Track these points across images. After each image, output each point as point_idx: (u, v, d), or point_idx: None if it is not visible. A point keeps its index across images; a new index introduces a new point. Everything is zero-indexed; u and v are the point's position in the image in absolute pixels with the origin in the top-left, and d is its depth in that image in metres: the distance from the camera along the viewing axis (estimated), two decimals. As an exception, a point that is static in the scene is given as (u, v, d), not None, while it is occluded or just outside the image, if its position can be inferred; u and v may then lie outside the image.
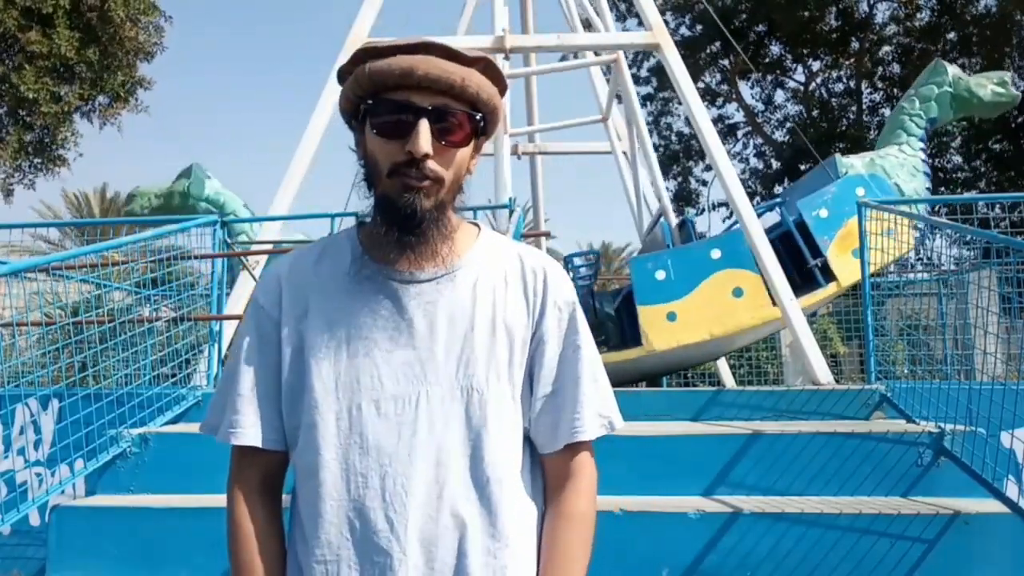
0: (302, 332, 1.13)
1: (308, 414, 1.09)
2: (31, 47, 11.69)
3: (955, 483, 3.33)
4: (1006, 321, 5.07)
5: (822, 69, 21.08)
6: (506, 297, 1.16)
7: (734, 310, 5.75)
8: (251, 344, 1.16)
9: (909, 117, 6.52)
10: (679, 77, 5.64)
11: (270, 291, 1.17)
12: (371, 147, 1.10)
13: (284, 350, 1.13)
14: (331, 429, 1.08)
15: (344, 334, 1.11)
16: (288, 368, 1.13)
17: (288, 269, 1.18)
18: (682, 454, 3.49)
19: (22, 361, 4.47)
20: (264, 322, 1.16)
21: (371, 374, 1.09)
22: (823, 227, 6.01)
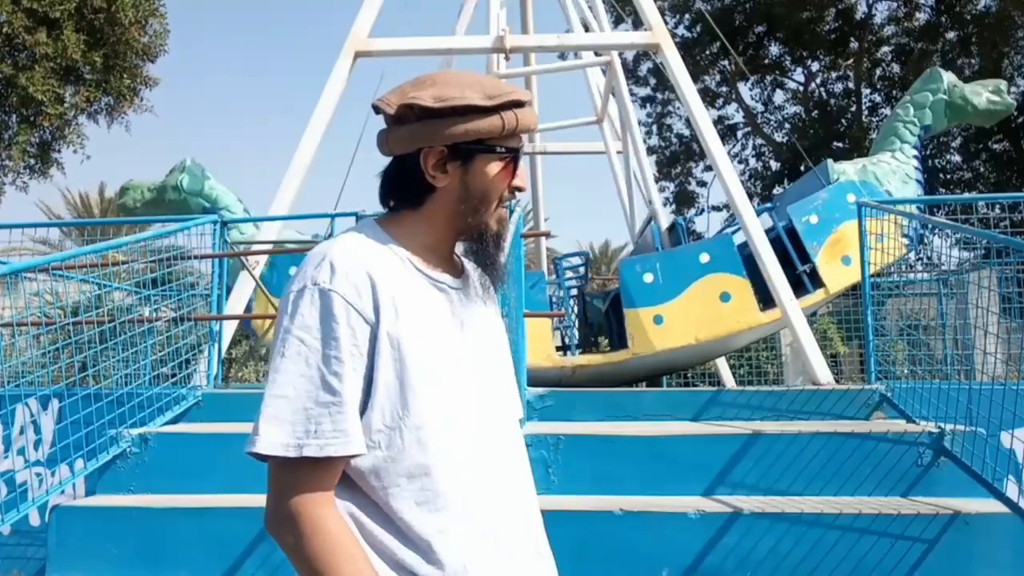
0: (399, 336, 1.10)
1: (414, 416, 1.10)
2: (37, 48, 11.71)
3: (955, 483, 3.33)
4: (1006, 321, 5.07)
5: (821, 70, 21.08)
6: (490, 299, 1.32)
7: (721, 315, 5.74)
8: (345, 341, 1.07)
9: (903, 124, 6.52)
10: (679, 78, 5.64)
11: (359, 287, 1.10)
12: (490, 183, 1.19)
13: (379, 351, 1.09)
14: (438, 427, 1.12)
15: (432, 335, 1.14)
16: (384, 370, 1.09)
17: (375, 269, 1.13)
18: (682, 454, 3.50)
19: (22, 361, 4.47)
20: (355, 319, 1.08)
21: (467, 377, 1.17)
22: (813, 233, 6.00)
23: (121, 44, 12.59)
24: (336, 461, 1.07)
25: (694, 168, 22.16)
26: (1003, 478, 3.28)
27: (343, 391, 1.06)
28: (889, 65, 20.46)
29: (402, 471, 1.09)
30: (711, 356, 7.14)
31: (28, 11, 11.70)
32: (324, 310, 1.08)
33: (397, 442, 1.09)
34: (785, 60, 21.08)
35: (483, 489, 1.14)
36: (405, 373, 1.10)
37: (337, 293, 1.08)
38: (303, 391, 1.06)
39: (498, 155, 1.18)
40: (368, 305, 1.09)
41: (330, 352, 1.07)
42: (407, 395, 1.09)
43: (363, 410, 1.09)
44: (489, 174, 1.18)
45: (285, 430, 1.04)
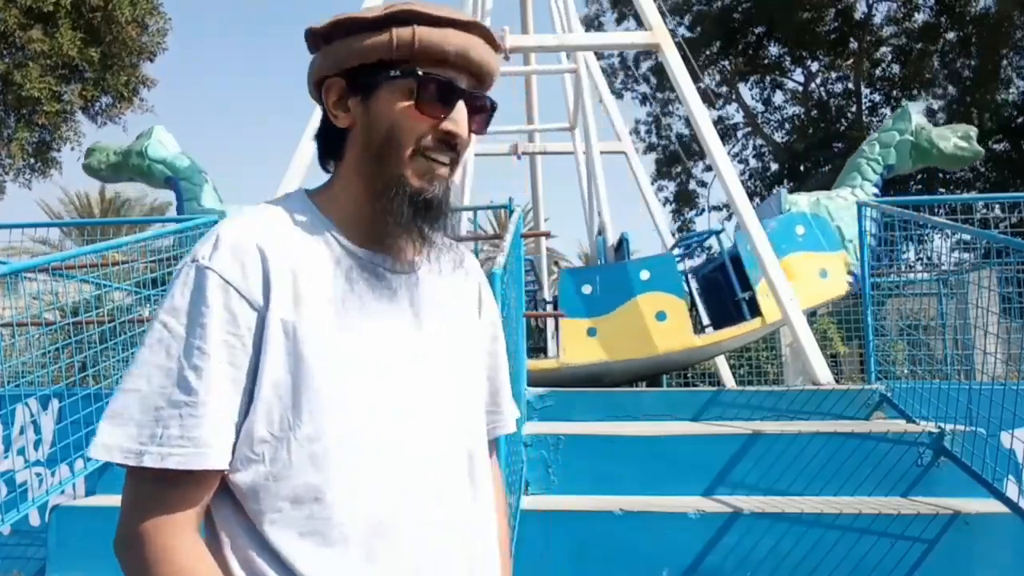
0: (295, 325, 0.90)
1: (306, 425, 0.89)
2: (32, 45, 11.71)
3: (955, 483, 3.33)
4: (1006, 321, 5.07)
5: (821, 70, 21.09)
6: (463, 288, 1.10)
7: (655, 333, 5.72)
8: (214, 326, 0.87)
9: (867, 161, 6.52)
10: (679, 78, 5.64)
11: (244, 263, 0.90)
12: (395, 118, 0.95)
13: (267, 342, 0.89)
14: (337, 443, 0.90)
15: (344, 327, 0.93)
16: (271, 367, 0.89)
17: (268, 243, 0.93)
18: (682, 454, 3.50)
19: (22, 361, 4.47)
20: (235, 301, 0.89)
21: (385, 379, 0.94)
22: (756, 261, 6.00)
23: (118, 43, 12.59)
24: (197, 476, 0.86)
25: (694, 168, 22.18)
26: (1003, 478, 3.28)
27: (201, 390, 0.86)
28: (889, 65, 20.47)
29: (286, 493, 0.88)
30: (643, 374, 7.09)
31: (23, 8, 11.69)
32: (196, 290, 0.89)
33: (283, 456, 0.88)
34: (785, 60, 21.08)
35: (401, 526, 0.91)
36: (301, 371, 0.89)
37: (213, 271, 0.89)
38: (157, 386, 0.86)
39: (399, 81, 0.95)
40: (256, 285, 0.90)
41: (194, 341, 0.87)
42: (300, 398, 0.88)
43: (246, 414, 0.89)
44: (393, 108, 0.95)
45: (129, 432, 0.85)
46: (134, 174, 6.84)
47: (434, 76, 0.95)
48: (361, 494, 0.90)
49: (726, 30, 19.82)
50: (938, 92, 19.44)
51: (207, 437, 0.86)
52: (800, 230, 6.02)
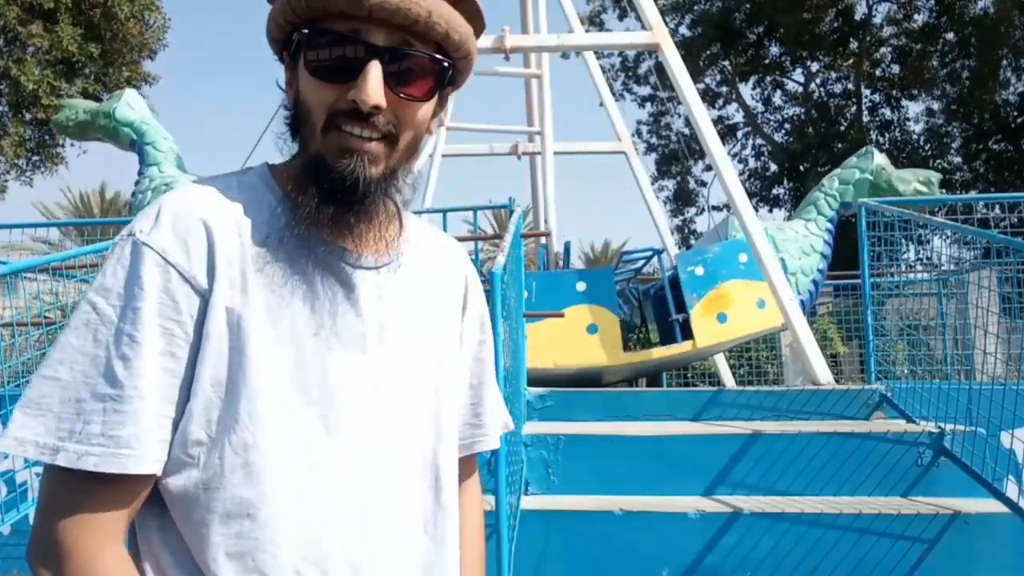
0: (240, 315, 0.79)
1: (243, 430, 0.78)
2: (32, 41, 11.74)
3: (955, 483, 3.33)
4: (1006, 321, 5.07)
5: (821, 70, 21.10)
6: (437, 291, 0.98)
7: (585, 346, 5.70)
8: (149, 312, 0.76)
9: (824, 196, 6.54)
10: (679, 77, 5.64)
11: (188, 241, 0.79)
12: (304, 91, 0.84)
13: (208, 332, 0.78)
14: (274, 451, 0.79)
15: (289, 324, 0.82)
16: (214, 361, 0.79)
17: (216, 220, 0.81)
18: (682, 454, 3.50)
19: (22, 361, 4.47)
20: (176, 284, 0.78)
21: (322, 382, 0.83)
22: (694, 284, 5.95)
23: (118, 39, 12.61)
24: (121, 481, 0.76)
25: (693, 167, 22.19)
26: (1003, 478, 3.28)
27: (128, 383, 0.75)
28: (889, 66, 20.48)
29: (216, 506, 0.78)
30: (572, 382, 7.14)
31: (23, 3, 11.71)
32: (131, 269, 0.78)
33: (215, 463, 0.78)
34: (785, 61, 21.10)
35: (336, 556, 0.81)
36: (243, 368, 0.78)
37: (151, 248, 0.78)
38: (80, 375, 0.75)
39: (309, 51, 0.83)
40: (200, 266, 0.79)
41: (124, 326, 0.76)
42: (239, 399, 0.78)
43: (183, 411, 0.79)
44: (302, 77, 0.85)
45: (47, 424, 0.75)
46: (101, 134, 6.87)
47: (323, 28, 0.82)
48: (297, 516, 0.80)
49: (727, 30, 19.83)
50: (937, 92, 19.46)
51: (133, 437, 0.75)
52: (743, 258, 6.02)
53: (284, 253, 0.83)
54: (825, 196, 6.52)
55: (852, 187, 6.44)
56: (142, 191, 6.60)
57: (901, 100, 20.32)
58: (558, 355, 5.67)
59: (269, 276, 0.82)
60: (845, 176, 6.51)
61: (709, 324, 5.85)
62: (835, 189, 6.50)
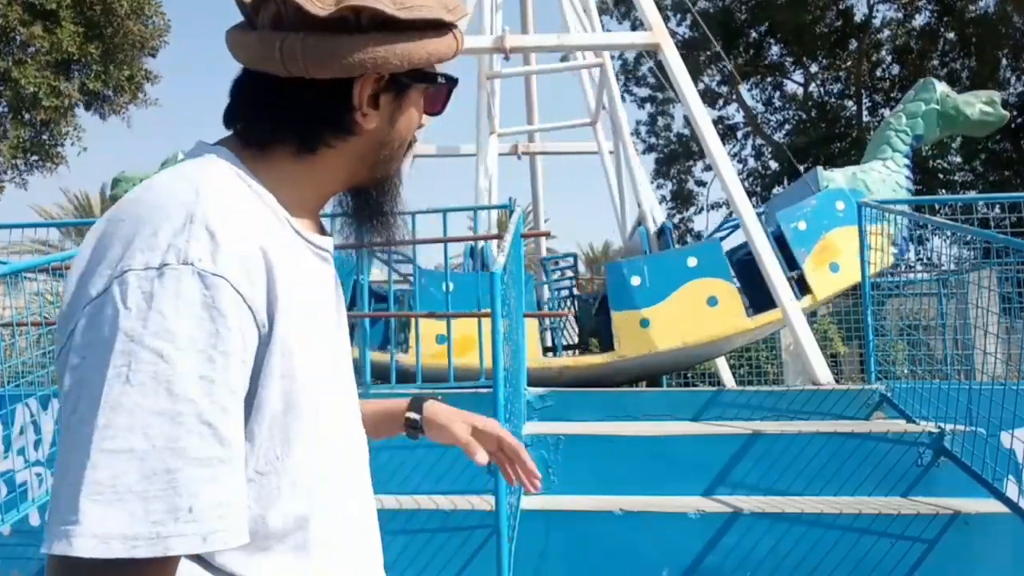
0: (289, 340, 0.73)
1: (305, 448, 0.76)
2: (33, 42, 11.75)
3: (955, 483, 3.33)
4: (1006, 321, 5.06)
5: (820, 71, 21.11)
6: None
7: (708, 319, 5.71)
8: (235, 360, 0.67)
9: (895, 133, 6.53)
10: (679, 77, 5.64)
11: (253, 271, 0.70)
12: (413, 120, 0.89)
13: (271, 370, 0.72)
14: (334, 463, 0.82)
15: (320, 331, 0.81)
16: (274, 388, 0.72)
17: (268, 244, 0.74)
18: (682, 454, 3.50)
19: (22, 361, 4.47)
20: (248, 329, 0.69)
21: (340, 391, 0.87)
22: (801, 240, 5.97)
23: (119, 36, 12.62)
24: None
25: (693, 167, 22.19)
26: (1003, 478, 3.28)
27: (233, 438, 0.66)
28: (889, 67, 20.49)
29: (275, 529, 0.74)
30: (697, 360, 7.14)
31: (24, 4, 11.73)
32: (205, 306, 0.65)
33: (271, 490, 0.74)
34: (785, 61, 21.10)
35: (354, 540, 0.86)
36: (294, 394, 0.74)
37: (227, 280, 0.67)
38: (162, 441, 0.62)
39: (438, 86, 0.89)
40: (261, 296, 0.70)
41: (215, 375, 0.65)
42: (290, 425, 0.74)
43: None
44: (418, 110, 0.89)
45: (132, 510, 0.60)
46: None
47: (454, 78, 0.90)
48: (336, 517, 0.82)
49: (727, 30, 19.82)
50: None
51: (242, 501, 0.67)
52: (840, 205, 6.03)
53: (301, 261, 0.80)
54: (896, 133, 6.49)
55: (921, 119, 6.41)
56: None
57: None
58: (685, 333, 5.70)
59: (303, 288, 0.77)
60: (911, 110, 6.48)
61: (823, 275, 5.86)
62: (905, 124, 6.47)
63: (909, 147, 6.50)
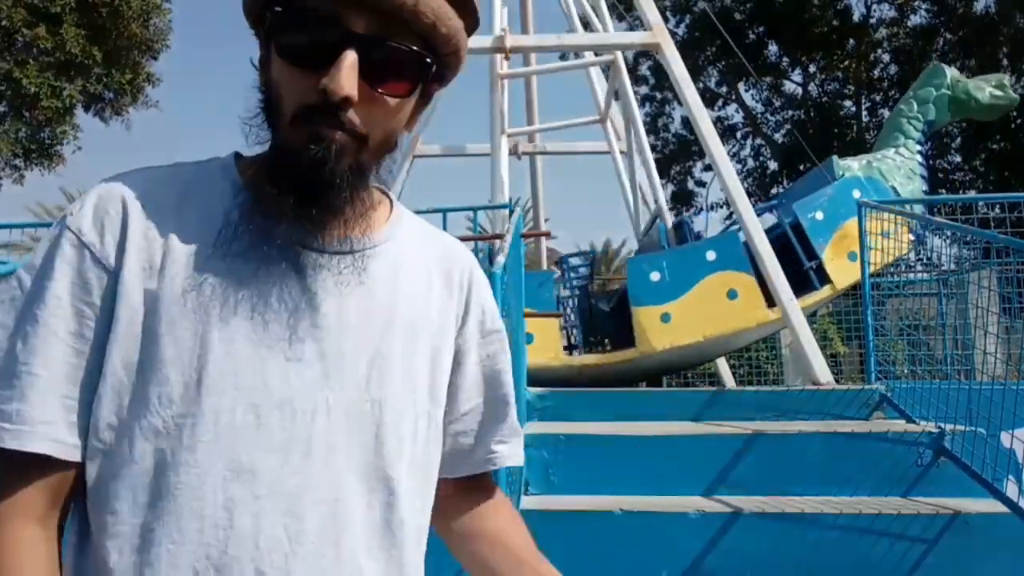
0: (155, 293, 0.75)
1: (151, 415, 0.73)
2: (38, 43, 11.77)
3: (955, 483, 3.33)
4: (1006, 321, 5.06)
5: (817, 72, 21.10)
6: (431, 291, 0.89)
7: (728, 312, 5.74)
8: (59, 291, 0.75)
9: (907, 119, 6.51)
10: (679, 78, 5.64)
11: (105, 223, 0.77)
12: (275, 74, 0.78)
13: (119, 313, 0.75)
14: (185, 440, 0.73)
15: (217, 307, 0.76)
16: (124, 343, 0.75)
17: (138, 199, 0.79)
18: (682, 454, 3.49)
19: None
20: (88, 264, 0.76)
21: (253, 368, 0.75)
22: (818, 229, 5.99)
23: (123, 39, 12.64)
24: (36, 463, 0.73)
25: (693, 167, 22.19)
26: (1003, 478, 3.28)
27: (23, 358, 0.73)
28: (887, 66, 20.49)
29: (124, 495, 0.73)
30: (719, 353, 7.16)
31: (29, 6, 11.75)
32: (51, 249, 0.77)
33: (124, 449, 0.73)
34: (784, 61, 21.10)
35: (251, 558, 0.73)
36: (154, 350, 0.74)
37: (70, 229, 0.77)
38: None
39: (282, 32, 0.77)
40: (112, 246, 0.77)
41: (32, 306, 0.75)
42: (149, 382, 0.74)
43: (93, 393, 0.75)
44: (274, 60, 0.78)
45: None
46: None
47: (298, 9, 0.75)
48: (205, 512, 0.73)
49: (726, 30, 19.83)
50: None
51: (15, 412, 0.72)
52: (857, 194, 6.01)
53: (237, 243, 0.77)
54: (908, 119, 6.47)
55: (932, 105, 6.39)
56: None
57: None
58: (706, 326, 5.70)
59: (202, 259, 0.77)
60: (923, 95, 6.46)
61: (842, 264, 5.88)
62: (916, 111, 6.45)
63: (922, 133, 6.48)
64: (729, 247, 5.93)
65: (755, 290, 5.75)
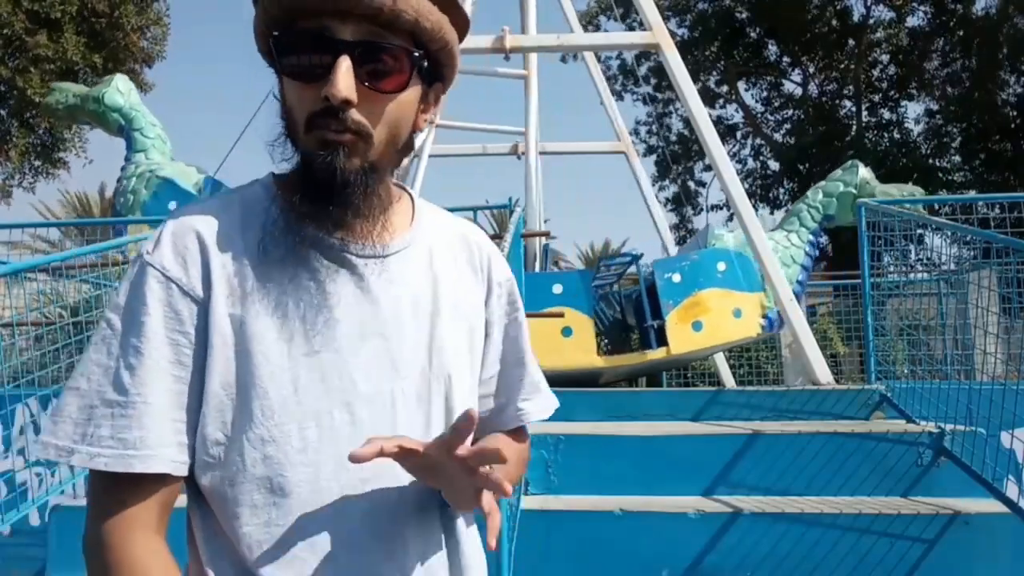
0: (239, 316, 0.84)
1: (256, 426, 0.83)
2: (38, 50, 11.79)
3: (955, 483, 3.33)
4: (1006, 321, 5.06)
5: (816, 72, 21.09)
6: (460, 276, 1.00)
7: (560, 348, 5.63)
8: (154, 326, 0.83)
9: (807, 208, 6.52)
10: (679, 78, 5.64)
11: (186, 257, 0.85)
12: (287, 95, 0.86)
13: (212, 340, 0.84)
14: (295, 443, 0.84)
15: (297, 320, 0.86)
16: (222, 366, 0.84)
17: (211, 228, 0.87)
18: (682, 454, 3.50)
19: (22, 361, 4.47)
20: (177, 298, 0.84)
21: (337, 372, 0.86)
22: (671, 291, 5.91)
23: (121, 49, 12.68)
24: (138, 479, 0.83)
25: (693, 168, 22.19)
26: (1003, 478, 3.28)
27: (134, 390, 0.81)
28: (887, 66, 20.49)
29: (244, 498, 0.85)
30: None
31: (29, 13, 11.78)
32: (136, 286, 0.85)
33: (235, 459, 0.84)
34: (783, 61, 21.10)
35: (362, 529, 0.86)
36: (249, 368, 0.84)
37: (153, 266, 0.85)
38: (95, 385, 0.83)
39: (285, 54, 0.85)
40: (197, 278, 0.85)
41: (131, 339, 0.83)
42: (250, 398, 0.84)
43: (198, 415, 0.85)
44: (285, 81, 0.87)
45: (66, 429, 0.82)
46: (90, 118, 6.90)
47: (292, 32, 0.83)
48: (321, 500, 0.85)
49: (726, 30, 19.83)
50: (937, 92, 19.45)
51: (138, 439, 0.81)
52: (721, 266, 5.99)
53: (278, 252, 0.87)
54: (808, 208, 6.53)
55: (836, 200, 6.44)
56: (127, 177, 6.61)
57: (900, 100, 20.33)
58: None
59: (268, 276, 0.86)
60: (830, 189, 6.52)
61: (684, 331, 5.81)
62: (819, 201, 6.51)
63: (818, 225, 6.51)
64: (576, 284, 5.87)
65: (589, 334, 5.69)
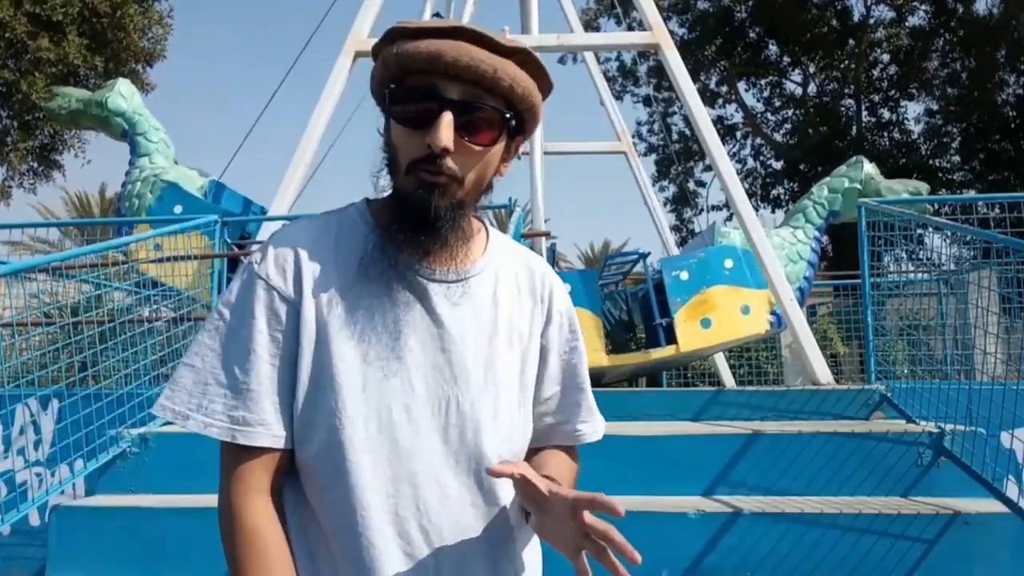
0: (324, 321, 1.02)
1: (331, 415, 1.00)
2: (40, 54, 11.78)
3: (955, 483, 3.33)
4: (1006, 321, 5.06)
5: (816, 72, 21.09)
6: (521, 304, 1.14)
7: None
8: (260, 325, 1.01)
9: (813, 204, 6.51)
10: (679, 78, 5.64)
11: (285, 269, 1.04)
12: (394, 137, 1.03)
13: (302, 339, 1.01)
14: (360, 432, 1.00)
15: (371, 329, 1.02)
16: (308, 361, 1.01)
17: (307, 247, 1.05)
18: (682, 454, 3.50)
19: (22, 361, 4.47)
20: (277, 303, 1.02)
21: (403, 377, 1.02)
22: (679, 289, 5.90)
23: (123, 50, 12.68)
24: (253, 451, 1.00)
25: (694, 168, 22.18)
26: (1003, 478, 3.28)
27: (243, 378, 1.00)
28: (887, 66, 20.48)
29: (325, 472, 1.01)
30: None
31: (31, 16, 11.77)
32: (246, 290, 1.03)
33: (320, 438, 1.01)
34: (784, 61, 21.09)
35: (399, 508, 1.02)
36: (329, 365, 1.01)
37: (260, 276, 1.03)
38: (209, 366, 1.01)
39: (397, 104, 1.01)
40: (290, 286, 1.03)
41: (240, 332, 1.02)
42: (327, 390, 1.01)
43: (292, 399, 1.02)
44: (392, 126, 1.03)
45: (182, 398, 1.01)
46: (93, 123, 6.90)
47: (408, 84, 1.00)
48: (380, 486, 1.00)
49: (726, 30, 19.83)
50: (937, 92, 19.45)
51: (243, 418, 0.99)
52: (728, 264, 5.95)
53: (375, 270, 1.03)
54: (814, 204, 6.53)
55: (841, 196, 6.44)
56: (132, 181, 6.60)
57: (900, 100, 20.33)
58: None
59: (356, 291, 1.03)
60: (834, 185, 6.51)
61: (692, 329, 5.80)
62: (824, 198, 6.51)
63: (824, 221, 6.50)
64: (584, 284, 5.88)
65: (597, 332, 5.69)
